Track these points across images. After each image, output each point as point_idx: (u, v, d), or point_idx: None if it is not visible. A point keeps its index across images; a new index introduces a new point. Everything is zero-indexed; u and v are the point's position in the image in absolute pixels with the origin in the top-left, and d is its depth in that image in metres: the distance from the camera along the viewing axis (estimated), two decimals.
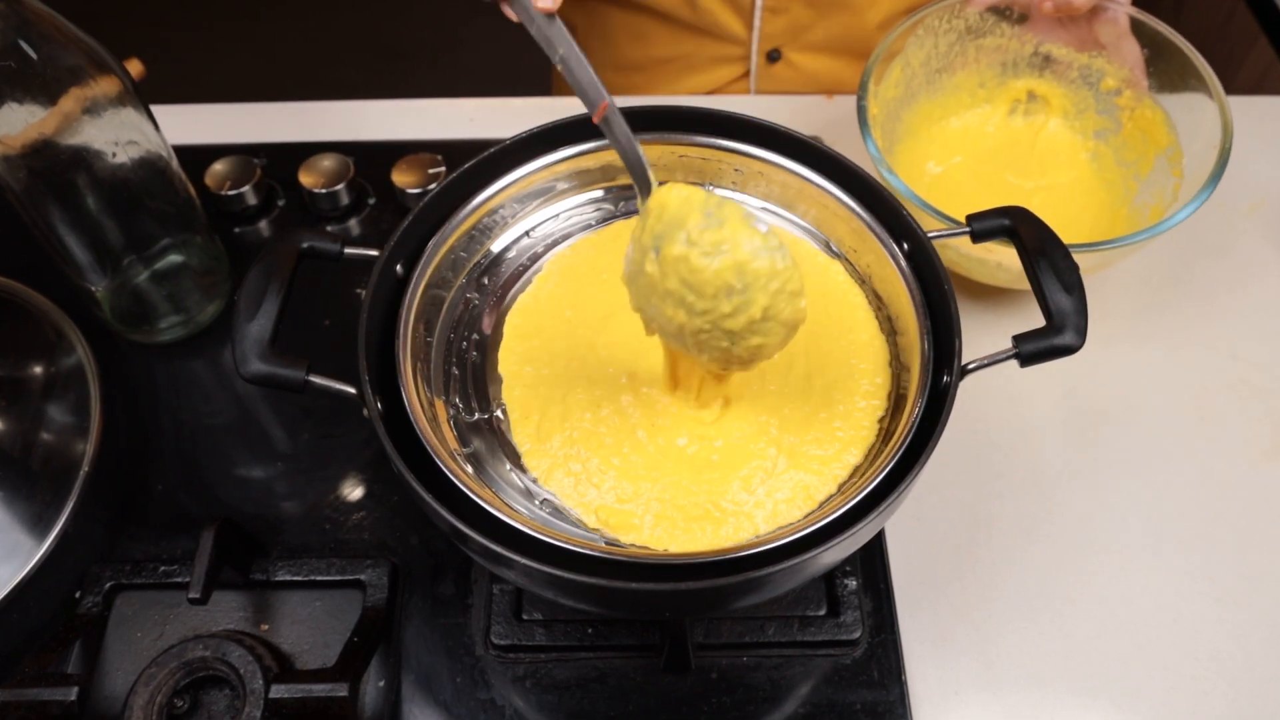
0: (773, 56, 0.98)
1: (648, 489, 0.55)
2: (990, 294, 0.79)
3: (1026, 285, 0.67)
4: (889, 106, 0.79)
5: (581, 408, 0.58)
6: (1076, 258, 0.56)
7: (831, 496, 0.55)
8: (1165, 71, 0.77)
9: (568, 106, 0.89)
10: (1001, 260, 0.71)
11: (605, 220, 0.66)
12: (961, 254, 0.73)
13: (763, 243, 0.47)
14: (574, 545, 0.48)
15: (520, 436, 0.57)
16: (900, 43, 0.78)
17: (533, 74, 1.40)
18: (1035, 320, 0.55)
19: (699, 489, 0.55)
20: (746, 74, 1.00)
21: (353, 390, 0.52)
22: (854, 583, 0.64)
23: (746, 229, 0.47)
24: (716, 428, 0.57)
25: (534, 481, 0.56)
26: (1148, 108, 0.78)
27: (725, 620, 0.63)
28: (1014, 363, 0.54)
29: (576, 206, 0.66)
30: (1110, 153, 0.81)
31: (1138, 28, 0.77)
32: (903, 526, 0.68)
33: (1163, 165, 0.77)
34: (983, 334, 0.76)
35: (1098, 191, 0.81)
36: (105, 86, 0.63)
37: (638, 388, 0.58)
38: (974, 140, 0.84)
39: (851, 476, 0.55)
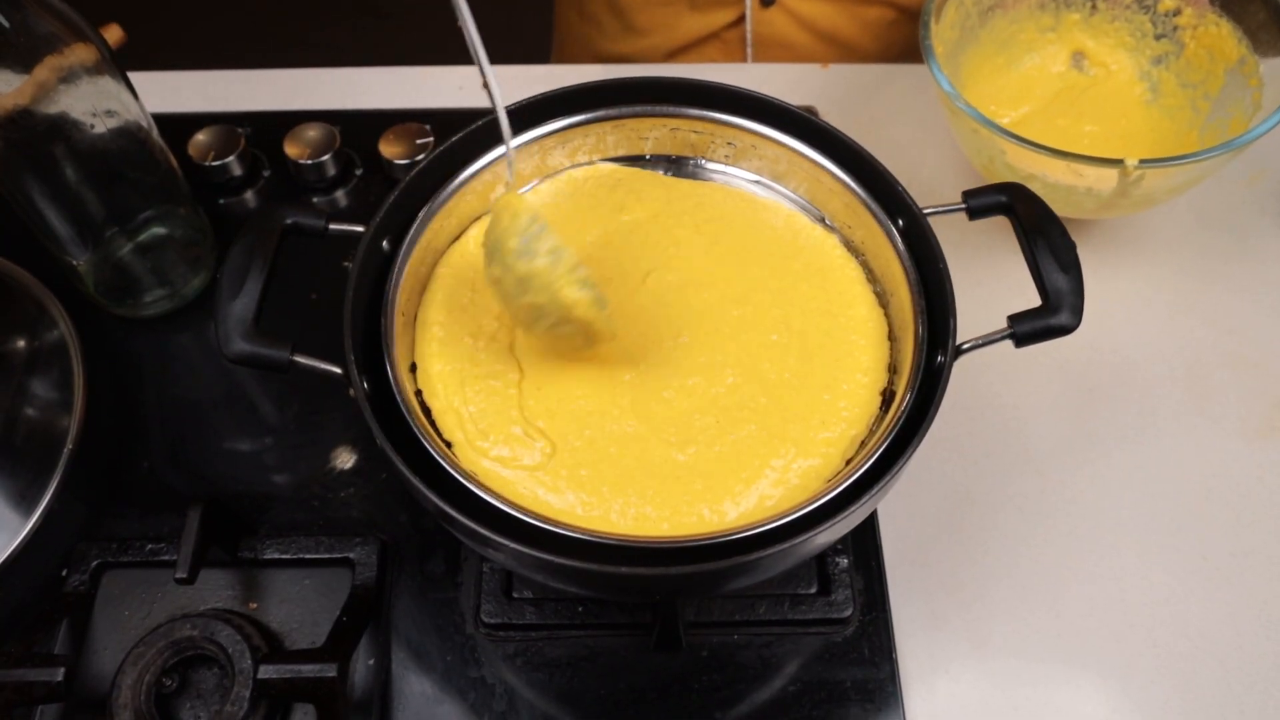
0: (767, 0, 0.96)
1: (619, 499, 0.53)
2: (985, 268, 0.78)
3: (1110, 215, 0.71)
4: (948, 49, 0.78)
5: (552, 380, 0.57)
6: (1169, 173, 0.56)
7: (838, 472, 0.54)
8: None
9: (560, 76, 0.88)
10: (1093, 185, 0.70)
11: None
12: (1049, 184, 0.71)
13: (566, 279, 0.52)
14: (562, 529, 0.48)
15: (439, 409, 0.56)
16: None
17: (529, 37, 1.38)
18: (1029, 295, 0.54)
19: (686, 498, 0.53)
20: (742, 18, 0.99)
21: (338, 370, 0.51)
22: (845, 561, 0.63)
23: (552, 266, 0.52)
24: (716, 430, 0.55)
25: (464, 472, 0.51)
26: (1211, 23, 0.77)
27: (716, 599, 0.62)
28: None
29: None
30: (1172, 77, 0.80)
31: None
32: (895, 505, 0.67)
33: (1236, 79, 0.75)
34: (977, 309, 0.75)
35: (1160, 123, 0.80)
36: (81, 54, 0.62)
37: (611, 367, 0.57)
38: (1034, 89, 0.83)
39: (858, 451, 0.55)
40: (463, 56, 0.52)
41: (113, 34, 0.72)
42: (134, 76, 0.67)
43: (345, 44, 2.23)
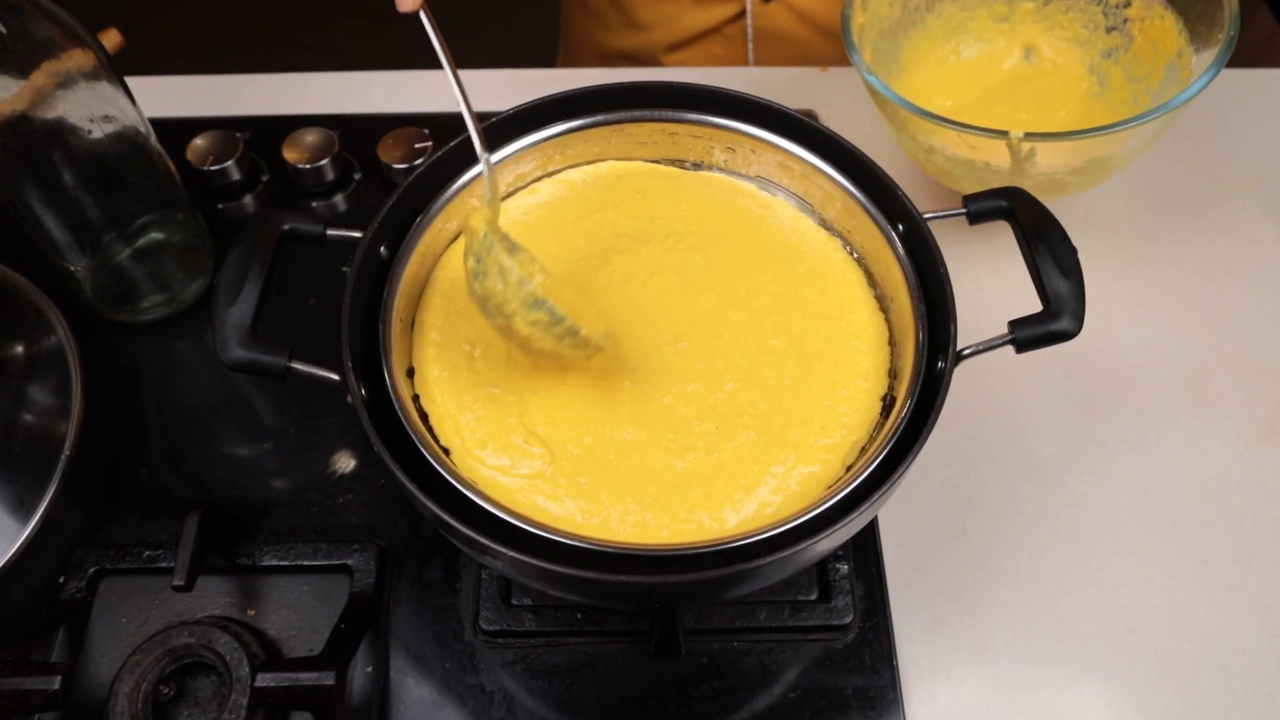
0: None
1: (619, 507, 0.53)
2: (986, 272, 0.78)
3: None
4: (884, 26, 0.78)
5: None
6: (1063, 151, 0.58)
7: (839, 479, 0.54)
8: None
9: (563, 79, 0.88)
10: (989, 160, 0.70)
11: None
12: (949, 156, 0.71)
13: (516, 300, 0.51)
14: (561, 536, 0.48)
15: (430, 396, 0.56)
16: None
17: (536, 36, 1.38)
18: (1031, 300, 0.54)
19: (686, 505, 0.53)
20: (743, 13, 0.99)
21: (336, 377, 0.51)
22: (846, 567, 0.63)
23: (502, 285, 0.51)
24: (715, 437, 0.55)
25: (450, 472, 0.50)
26: (1158, 15, 0.77)
27: (717, 606, 0.62)
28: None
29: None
30: (1119, 71, 0.80)
31: None
32: (895, 511, 0.67)
33: (1173, 72, 0.75)
34: (978, 314, 0.75)
35: (1101, 115, 0.80)
36: (79, 60, 0.62)
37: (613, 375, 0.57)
38: (980, 78, 0.83)
39: (859, 457, 0.54)
40: (462, 61, 0.52)
41: (110, 39, 0.71)
42: (131, 81, 0.66)
43: (340, 46, 2.23)
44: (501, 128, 0.60)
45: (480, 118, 0.60)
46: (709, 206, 0.63)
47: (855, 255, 0.62)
